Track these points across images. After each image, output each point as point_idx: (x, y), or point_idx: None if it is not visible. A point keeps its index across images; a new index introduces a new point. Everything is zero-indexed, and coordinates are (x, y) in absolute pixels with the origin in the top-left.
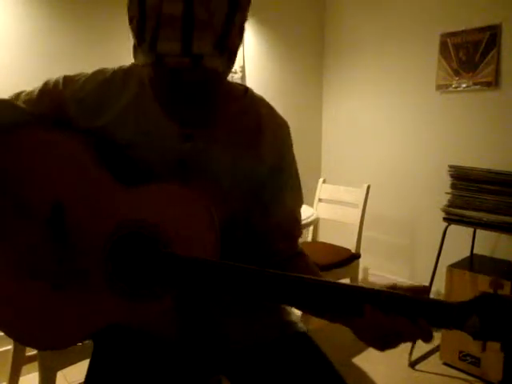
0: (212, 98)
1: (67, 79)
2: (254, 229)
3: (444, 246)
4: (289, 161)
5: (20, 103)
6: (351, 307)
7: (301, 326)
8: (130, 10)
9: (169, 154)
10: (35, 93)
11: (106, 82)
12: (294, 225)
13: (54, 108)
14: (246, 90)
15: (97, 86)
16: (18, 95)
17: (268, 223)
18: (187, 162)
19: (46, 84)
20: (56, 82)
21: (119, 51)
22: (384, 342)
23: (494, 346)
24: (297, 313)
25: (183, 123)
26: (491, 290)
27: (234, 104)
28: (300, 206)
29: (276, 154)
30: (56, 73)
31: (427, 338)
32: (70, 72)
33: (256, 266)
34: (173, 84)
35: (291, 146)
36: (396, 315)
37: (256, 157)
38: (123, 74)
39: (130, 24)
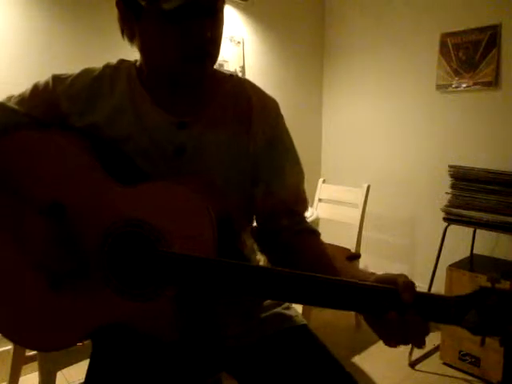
0: (203, 81)
1: (56, 79)
2: (260, 209)
3: (444, 246)
4: (282, 133)
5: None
6: (372, 308)
7: (300, 318)
8: None
9: (165, 143)
10: (26, 95)
11: (96, 79)
12: (297, 200)
13: (47, 108)
14: (230, 75)
15: (87, 83)
16: (8, 99)
17: (271, 201)
18: (184, 150)
19: (35, 86)
20: (46, 83)
21: (119, 51)
22: (393, 340)
23: (494, 345)
24: (296, 308)
25: (176, 112)
26: (489, 285)
27: (221, 87)
28: (302, 180)
29: (268, 129)
30: (56, 72)
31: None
32: (70, 72)
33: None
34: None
35: (282, 119)
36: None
37: (250, 135)
38: (112, 70)
39: None
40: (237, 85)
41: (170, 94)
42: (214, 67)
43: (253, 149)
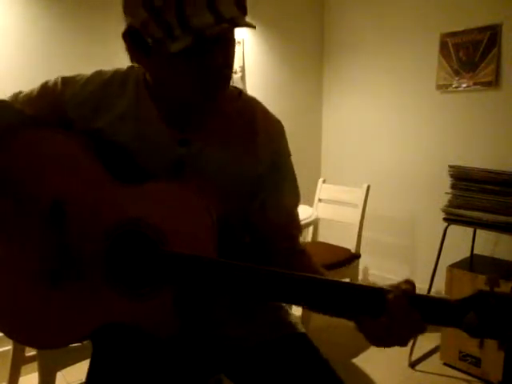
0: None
1: (65, 81)
2: (255, 228)
3: (444, 246)
4: (284, 158)
5: (18, 105)
6: (372, 307)
7: (300, 326)
8: (136, 17)
9: (165, 158)
10: (34, 94)
11: (105, 85)
12: (293, 224)
13: (54, 110)
14: (239, 92)
15: (96, 88)
16: (16, 96)
17: (267, 223)
18: (183, 166)
19: (44, 85)
20: (54, 84)
21: (119, 51)
22: (383, 341)
23: (494, 346)
24: (296, 313)
25: (179, 127)
26: (488, 288)
27: (228, 106)
28: (297, 205)
29: (272, 153)
30: (56, 73)
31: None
32: (70, 72)
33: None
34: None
35: (286, 144)
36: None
37: (253, 157)
38: (121, 77)
39: (142, 30)
40: (244, 105)
41: (176, 110)
42: None
43: (256, 169)
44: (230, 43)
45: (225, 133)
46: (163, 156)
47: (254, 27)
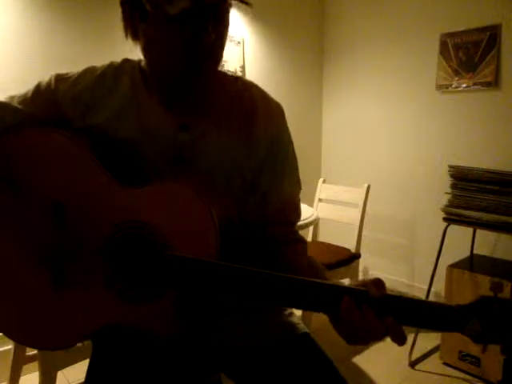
0: (206, 84)
1: (59, 78)
2: (251, 216)
3: (444, 246)
4: (284, 143)
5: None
6: (327, 305)
7: (302, 326)
8: None
9: (165, 145)
10: (29, 95)
11: (99, 79)
12: (291, 210)
13: (49, 108)
14: (236, 77)
15: (90, 83)
16: (11, 99)
17: (265, 210)
18: (184, 153)
19: (38, 86)
20: (48, 82)
21: (118, 50)
22: (353, 338)
23: (495, 347)
24: (297, 313)
25: (179, 113)
26: (491, 293)
27: (227, 90)
28: (298, 190)
29: (271, 136)
30: (55, 72)
31: (399, 340)
32: (71, 71)
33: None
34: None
35: (286, 127)
36: (366, 312)
37: (252, 141)
38: (114, 69)
39: None
40: (243, 88)
41: (173, 95)
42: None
43: (255, 154)
44: (224, 18)
45: (225, 117)
46: (164, 143)
47: (247, 3)
